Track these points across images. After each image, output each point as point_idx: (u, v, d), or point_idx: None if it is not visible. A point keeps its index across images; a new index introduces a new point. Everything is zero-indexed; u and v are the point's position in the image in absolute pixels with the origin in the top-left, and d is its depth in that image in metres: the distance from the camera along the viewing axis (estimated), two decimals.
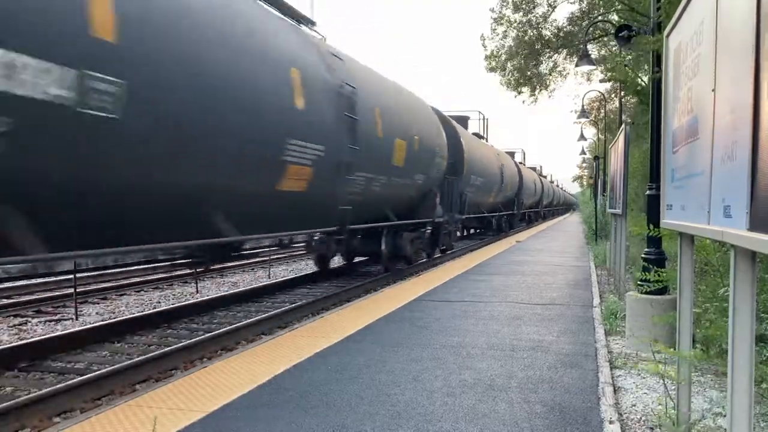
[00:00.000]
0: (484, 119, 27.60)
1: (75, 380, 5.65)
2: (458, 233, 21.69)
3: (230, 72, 6.55)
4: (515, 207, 30.75)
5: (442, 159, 14.88)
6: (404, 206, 13.27)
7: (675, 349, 3.60)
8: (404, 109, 12.61)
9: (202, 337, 7.49)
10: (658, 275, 5.45)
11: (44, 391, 5.30)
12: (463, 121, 22.58)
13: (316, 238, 12.37)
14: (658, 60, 6.04)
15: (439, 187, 15.14)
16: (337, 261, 15.23)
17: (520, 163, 37.93)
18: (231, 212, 7.11)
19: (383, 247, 12.95)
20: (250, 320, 8.51)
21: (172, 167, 5.97)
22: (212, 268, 12.62)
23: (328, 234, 11.07)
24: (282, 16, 8.83)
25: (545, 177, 60.52)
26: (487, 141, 26.63)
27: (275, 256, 17.46)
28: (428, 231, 15.24)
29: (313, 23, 9.82)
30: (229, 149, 6.65)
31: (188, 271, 12.37)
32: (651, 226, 5.75)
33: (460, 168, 17.62)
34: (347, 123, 9.45)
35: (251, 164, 7.16)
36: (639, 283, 6.24)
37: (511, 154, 34.39)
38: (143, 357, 6.48)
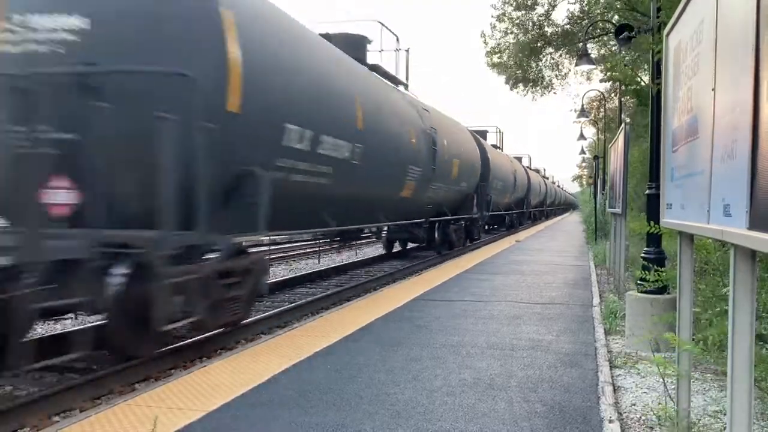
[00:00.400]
0: (499, 132, 33.13)
1: (74, 380, 5.64)
2: (485, 227, 25.50)
3: (391, 130, 11.58)
4: (524, 206, 34.01)
5: (477, 169, 19.48)
6: (452, 206, 17.73)
7: (674, 350, 3.60)
8: (458, 137, 17.60)
9: (202, 336, 7.48)
10: (658, 274, 5.45)
11: (44, 390, 5.30)
12: (483, 134, 26.35)
13: (384, 229, 16.10)
14: (658, 68, 6.02)
15: (475, 191, 19.47)
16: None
17: (528, 167, 41.73)
18: (385, 210, 12.06)
19: (436, 235, 17.18)
20: (249, 319, 8.51)
21: (375, 185, 11.09)
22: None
23: (418, 225, 15.79)
24: (394, 86, 13.51)
25: (547, 178, 60.80)
26: (502, 150, 31.26)
27: (274, 256, 17.48)
28: (464, 224, 19.50)
29: (407, 85, 14.45)
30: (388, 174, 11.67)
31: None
32: (651, 224, 5.75)
33: (486, 175, 21.10)
34: (432, 152, 14.06)
35: (393, 180, 12.08)
36: (639, 282, 6.24)
37: (519, 159, 38.21)
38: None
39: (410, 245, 18.93)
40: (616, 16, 15.86)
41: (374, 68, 12.40)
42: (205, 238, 6.05)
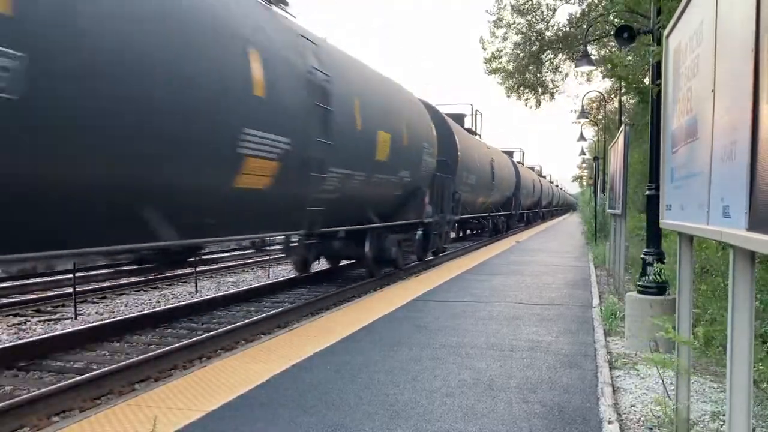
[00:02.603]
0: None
1: (74, 379, 5.65)
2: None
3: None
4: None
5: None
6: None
7: (674, 350, 3.60)
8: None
9: (202, 336, 7.49)
10: (658, 272, 5.46)
11: (43, 390, 5.30)
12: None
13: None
14: (658, 70, 6.01)
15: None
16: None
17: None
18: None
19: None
20: (250, 320, 8.51)
21: (477, 194, 21.49)
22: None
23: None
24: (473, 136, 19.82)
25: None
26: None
27: (275, 257, 17.45)
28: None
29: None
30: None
31: (188, 270, 12.45)
32: (648, 221, 5.76)
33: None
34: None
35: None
36: (638, 283, 6.24)
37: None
38: (142, 356, 6.48)
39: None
40: (614, 17, 15.86)
41: (468, 130, 22.10)
42: (446, 218, 16.08)
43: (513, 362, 5.23)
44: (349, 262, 14.19)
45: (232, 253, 18.12)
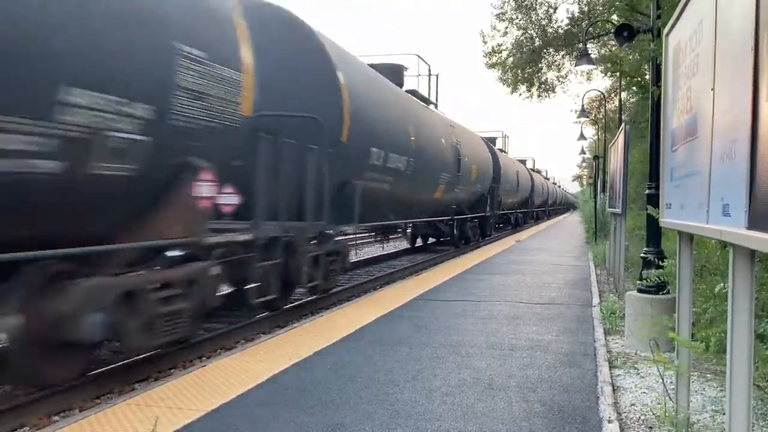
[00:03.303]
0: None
1: (74, 379, 5.63)
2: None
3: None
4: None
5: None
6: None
7: (674, 350, 3.60)
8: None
9: (202, 336, 7.48)
10: (658, 269, 5.46)
11: (43, 390, 5.29)
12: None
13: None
14: (657, 72, 6.01)
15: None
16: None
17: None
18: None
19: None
20: (249, 319, 8.50)
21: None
22: None
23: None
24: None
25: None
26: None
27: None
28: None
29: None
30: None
31: None
32: (648, 219, 5.77)
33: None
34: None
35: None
36: (638, 282, 6.24)
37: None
38: (142, 356, 6.47)
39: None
40: (615, 16, 15.86)
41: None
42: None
43: (513, 361, 5.23)
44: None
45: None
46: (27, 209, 4.46)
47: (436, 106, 17.11)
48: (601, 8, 17.58)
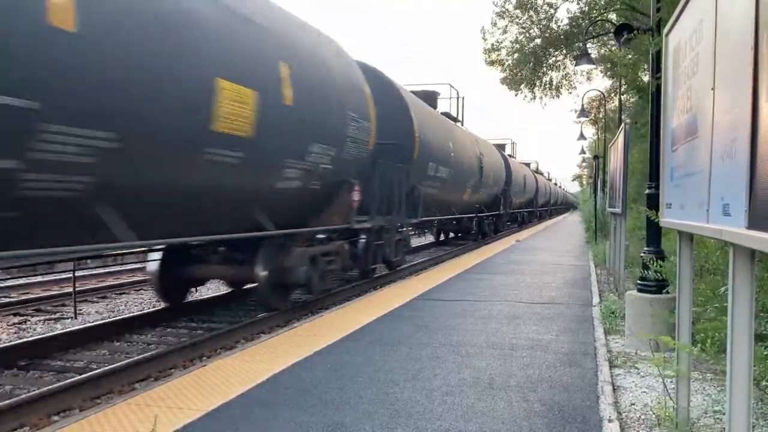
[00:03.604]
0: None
1: (74, 379, 5.65)
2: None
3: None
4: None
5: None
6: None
7: (674, 349, 3.60)
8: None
9: (202, 336, 7.49)
10: (658, 268, 5.45)
11: (43, 389, 5.30)
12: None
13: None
14: (658, 63, 6.02)
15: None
16: None
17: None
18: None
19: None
20: (250, 319, 8.51)
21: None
22: None
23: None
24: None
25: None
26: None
27: None
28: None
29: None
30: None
31: None
32: (647, 219, 5.77)
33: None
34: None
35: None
36: (638, 281, 6.23)
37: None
38: (142, 356, 6.48)
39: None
40: (614, 16, 15.85)
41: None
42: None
43: (513, 361, 5.23)
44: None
45: None
46: (286, 207, 8.50)
47: (462, 123, 20.78)
48: (602, 10, 17.56)
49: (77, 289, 9.94)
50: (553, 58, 22.22)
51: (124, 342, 7.73)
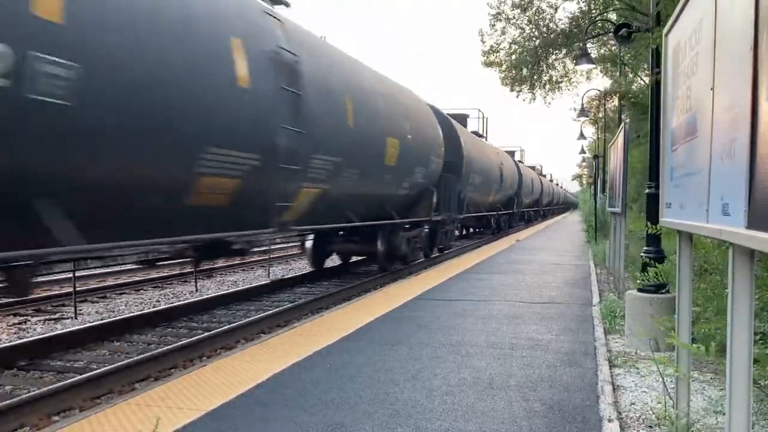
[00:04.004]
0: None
1: (74, 379, 5.65)
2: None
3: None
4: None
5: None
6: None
7: (674, 349, 3.60)
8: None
9: (202, 336, 7.50)
10: (657, 271, 5.45)
11: (43, 389, 5.30)
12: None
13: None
14: (657, 59, 6.03)
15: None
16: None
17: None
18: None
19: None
20: (250, 319, 8.52)
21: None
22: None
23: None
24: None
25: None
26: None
27: (275, 256, 17.67)
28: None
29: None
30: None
31: (189, 270, 13.03)
32: (648, 223, 5.76)
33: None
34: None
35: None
36: (638, 281, 6.23)
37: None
38: (142, 356, 6.49)
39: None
40: (614, 16, 15.85)
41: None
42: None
43: (513, 361, 5.23)
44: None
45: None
46: (400, 205, 13.52)
47: (486, 139, 26.19)
48: (601, 9, 17.55)
49: (77, 289, 9.95)
50: (553, 56, 22.17)
51: (124, 342, 7.74)
